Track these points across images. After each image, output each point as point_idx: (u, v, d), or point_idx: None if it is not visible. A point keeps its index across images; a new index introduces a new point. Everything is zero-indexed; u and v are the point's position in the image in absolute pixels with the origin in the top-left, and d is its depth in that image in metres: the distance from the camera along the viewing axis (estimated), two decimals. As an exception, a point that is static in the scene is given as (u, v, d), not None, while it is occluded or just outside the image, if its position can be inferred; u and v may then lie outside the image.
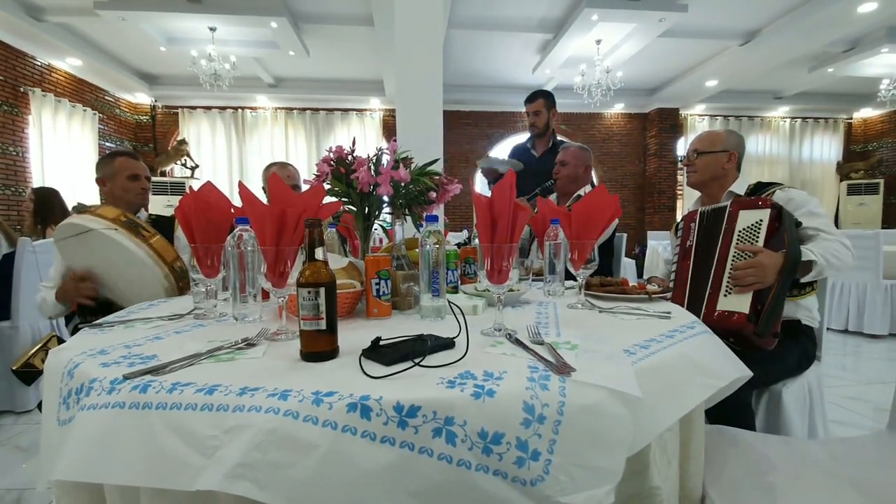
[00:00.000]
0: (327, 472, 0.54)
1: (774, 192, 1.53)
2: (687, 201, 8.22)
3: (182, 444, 0.56)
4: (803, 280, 1.38)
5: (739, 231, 1.38)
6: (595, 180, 8.26)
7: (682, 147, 8.24)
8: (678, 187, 8.24)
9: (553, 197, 2.43)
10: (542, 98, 2.89)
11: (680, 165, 8.22)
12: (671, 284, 1.55)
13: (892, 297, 3.91)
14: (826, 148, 8.49)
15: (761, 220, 1.36)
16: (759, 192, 1.56)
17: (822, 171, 8.44)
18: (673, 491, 0.81)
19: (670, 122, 8.00)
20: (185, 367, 0.68)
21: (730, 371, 0.87)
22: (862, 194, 7.80)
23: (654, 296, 1.26)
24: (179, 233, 1.80)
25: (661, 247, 5.95)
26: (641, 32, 5.13)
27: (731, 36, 5.57)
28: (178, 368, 0.67)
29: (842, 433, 2.12)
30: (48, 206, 3.27)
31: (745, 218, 1.39)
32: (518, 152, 3.09)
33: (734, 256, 1.36)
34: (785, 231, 1.34)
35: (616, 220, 2.17)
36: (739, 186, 1.63)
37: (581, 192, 2.33)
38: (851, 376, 2.96)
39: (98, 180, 1.79)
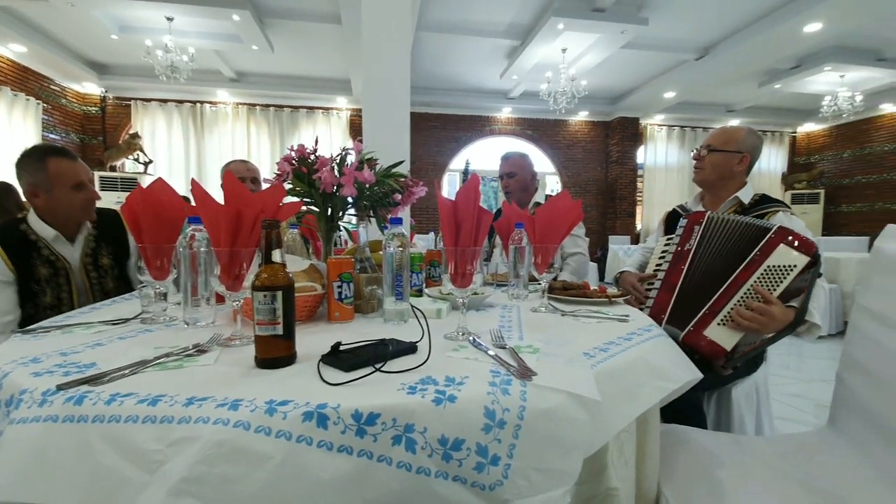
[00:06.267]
0: (280, 484, 0.52)
1: (777, 212, 1.44)
2: (646, 208, 8.53)
3: (122, 459, 0.53)
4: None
5: (769, 266, 1.22)
6: (560, 186, 8.41)
7: (641, 155, 8.54)
8: (638, 194, 8.53)
9: None
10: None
11: (640, 168, 8.50)
12: (655, 283, 1.44)
13: (832, 300, 4.17)
14: (773, 159, 9.01)
15: (794, 266, 1.20)
16: (761, 206, 1.49)
17: (769, 181, 8.94)
18: (630, 491, 0.82)
19: (631, 130, 8.28)
20: (128, 377, 0.64)
21: (683, 374, 0.90)
22: (805, 203, 8.32)
23: (613, 299, 1.29)
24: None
25: (621, 251, 6.16)
26: (604, 43, 5.28)
27: (688, 50, 5.83)
28: (119, 378, 0.63)
29: (786, 429, 2.24)
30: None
31: (782, 255, 1.21)
32: None
33: (749, 291, 1.23)
34: (806, 287, 1.22)
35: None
36: (746, 194, 1.53)
37: (538, 199, 2.28)
38: (795, 375, 3.15)
39: (27, 191, 1.42)
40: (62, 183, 1.43)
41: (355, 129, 7.55)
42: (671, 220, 1.66)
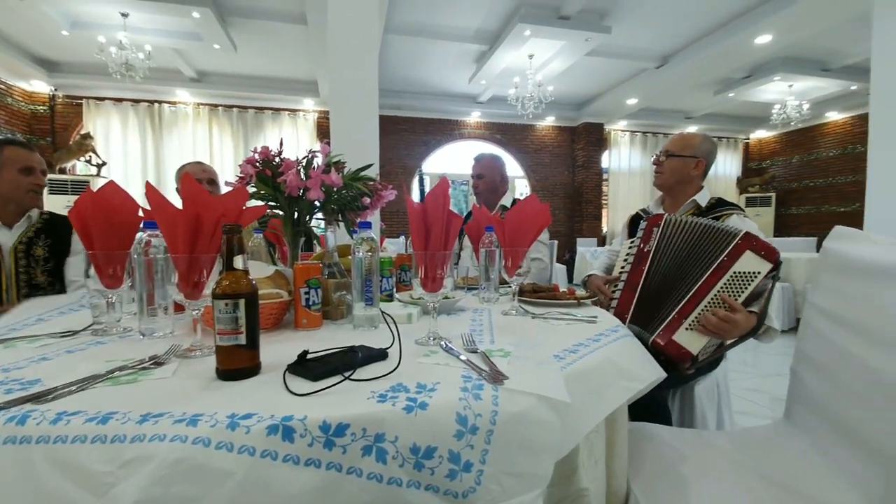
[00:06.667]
0: (243, 501, 0.49)
1: (732, 215, 1.49)
2: (611, 211, 8.76)
3: (69, 482, 0.49)
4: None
5: (735, 272, 1.25)
6: (528, 189, 8.52)
7: (606, 160, 8.78)
8: (603, 197, 8.75)
9: None
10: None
11: (601, 173, 8.72)
12: (619, 285, 1.49)
13: (785, 297, 4.39)
14: (728, 164, 9.43)
15: (758, 273, 1.24)
16: (717, 209, 1.54)
17: (725, 185, 9.35)
18: (600, 490, 0.83)
19: (596, 135, 8.50)
20: (76, 393, 0.59)
21: (648, 374, 0.92)
22: (758, 206, 8.74)
23: (582, 301, 1.32)
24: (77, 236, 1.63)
25: (588, 253, 6.30)
26: (569, 50, 5.41)
27: (649, 58, 6.04)
28: (67, 395, 0.59)
29: (745, 423, 2.33)
30: None
31: (747, 262, 1.24)
32: None
33: (715, 297, 1.26)
34: (767, 293, 1.27)
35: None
36: (703, 197, 1.60)
37: (504, 202, 2.31)
38: (751, 370, 3.29)
39: None
40: (11, 165, 1.57)
41: (323, 131, 7.42)
42: (634, 224, 1.72)
